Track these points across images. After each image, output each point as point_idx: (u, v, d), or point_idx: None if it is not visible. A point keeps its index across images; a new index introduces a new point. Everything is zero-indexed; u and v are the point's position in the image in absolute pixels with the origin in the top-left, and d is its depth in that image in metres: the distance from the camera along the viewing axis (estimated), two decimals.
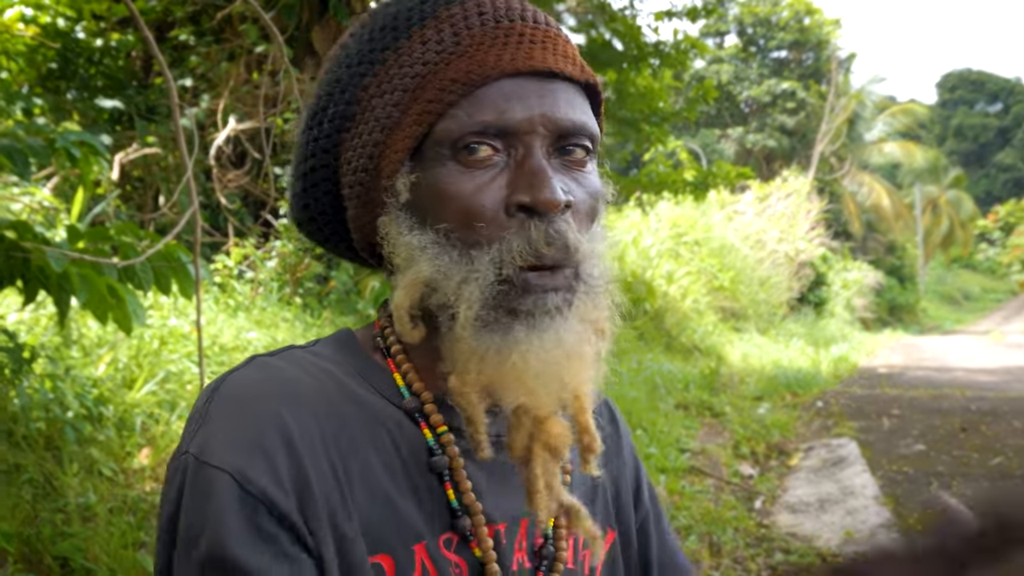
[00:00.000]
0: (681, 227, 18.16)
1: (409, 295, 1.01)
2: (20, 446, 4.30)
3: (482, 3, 1.04)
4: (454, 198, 0.98)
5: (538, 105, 0.99)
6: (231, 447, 0.93)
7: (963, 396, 11.56)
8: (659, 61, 12.68)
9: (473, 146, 0.98)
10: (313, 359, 1.06)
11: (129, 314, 3.29)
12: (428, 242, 1.00)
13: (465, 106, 0.98)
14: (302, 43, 9.60)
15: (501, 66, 0.98)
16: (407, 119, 1.00)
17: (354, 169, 1.06)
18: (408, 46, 1.02)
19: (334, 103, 1.07)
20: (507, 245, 0.97)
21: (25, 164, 3.23)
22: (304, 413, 0.97)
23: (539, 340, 0.97)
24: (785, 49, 38.92)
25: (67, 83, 9.22)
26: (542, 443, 1.01)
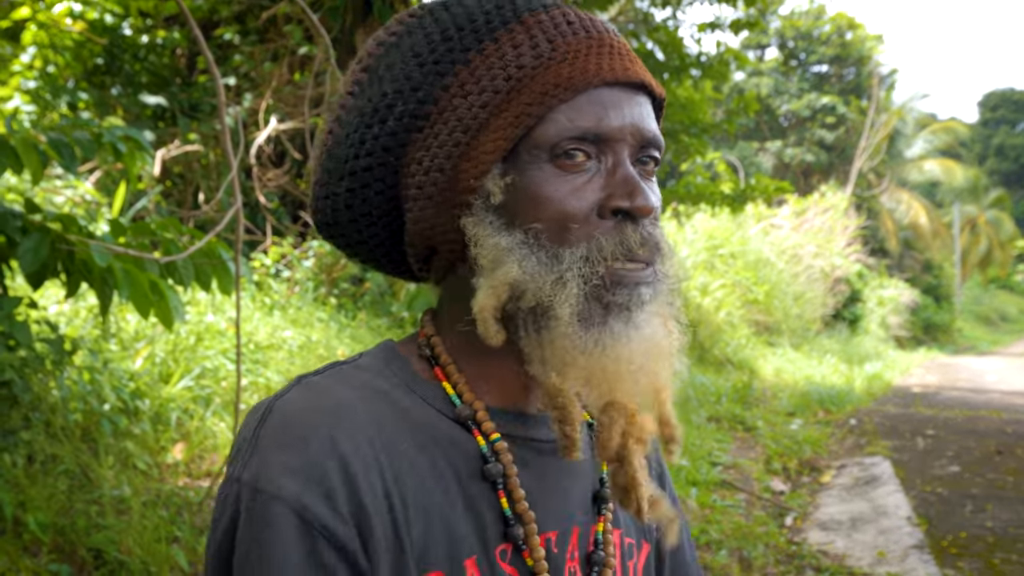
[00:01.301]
0: (717, 239, 18.08)
1: (495, 296, 1.00)
2: (57, 437, 4.34)
3: (567, 13, 1.06)
4: (550, 200, 0.99)
5: (629, 115, 1.02)
6: (287, 474, 0.92)
7: (999, 418, 11.42)
8: (700, 72, 12.65)
9: (572, 151, 0.99)
10: (360, 375, 1.05)
11: (170, 310, 3.31)
12: (515, 243, 1.00)
13: (565, 111, 0.99)
14: (345, 45, 9.64)
15: (602, 74, 1.01)
16: (499, 121, 1.00)
17: (427, 169, 1.04)
18: (496, 49, 1.03)
19: (403, 101, 1.05)
20: (597, 243, 0.99)
21: (72, 158, 3.26)
22: (357, 436, 0.97)
23: (637, 334, 0.99)
24: (826, 63, 38.65)
25: (112, 79, 9.31)
26: (636, 438, 1.02)
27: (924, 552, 5.59)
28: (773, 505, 6.86)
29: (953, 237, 42.00)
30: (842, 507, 6.91)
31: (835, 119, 35.70)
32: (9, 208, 3.30)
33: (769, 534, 5.97)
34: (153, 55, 9.60)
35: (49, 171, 6.98)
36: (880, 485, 7.45)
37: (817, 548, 5.89)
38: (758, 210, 21.19)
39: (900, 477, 7.67)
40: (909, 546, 5.73)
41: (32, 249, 3.11)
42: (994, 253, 44.94)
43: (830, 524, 6.46)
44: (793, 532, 6.31)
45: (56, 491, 4.02)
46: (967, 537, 5.97)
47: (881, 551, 5.71)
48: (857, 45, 37.57)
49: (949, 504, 6.85)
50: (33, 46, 8.77)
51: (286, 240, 9.02)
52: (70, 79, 9.11)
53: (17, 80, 8.58)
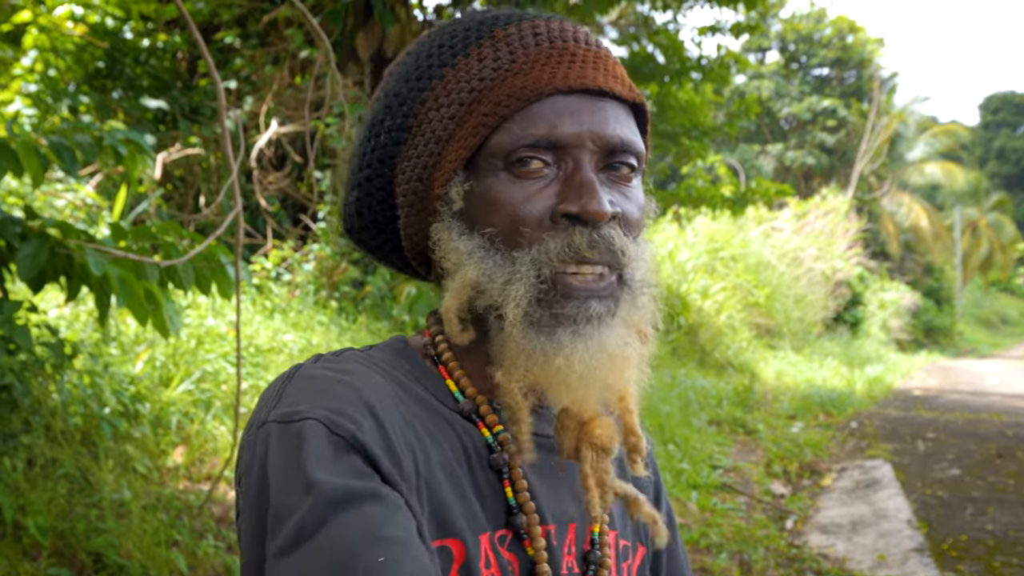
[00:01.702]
0: (718, 242, 18.07)
1: (457, 298, 1.05)
2: (57, 441, 4.34)
3: (537, 25, 1.09)
4: (504, 205, 1.02)
5: (588, 121, 1.03)
6: (315, 405, 0.94)
7: (1000, 421, 11.41)
8: (701, 76, 12.65)
9: (525, 158, 1.02)
10: (373, 360, 1.08)
11: (166, 319, 3.32)
12: (475, 247, 1.04)
13: (519, 120, 1.02)
14: (345, 48, 9.66)
15: (554, 83, 1.03)
16: (462, 131, 1.05)
17: (408, 179, 1.11)
18: (465, 63, 1.08)
19: (391, 116, 1.12)
20: (545, 246, 1.01)
21: (73, 161, 3.27)
22: (382, 396, 1.00)
23: (583, 344, 1.00)
24: (827, 67, 38.64)
25: (113, 82, 9.31)
26: (588, 443, 1.04)
27: (924, 555, 5.59)
28: (774, 508, 6.85)
29: (954, 240, 41.98)
30: (843, 510, 6.91)
31: (836, 122, 35.70)
32: (8, 214, 3.30)
33: (770, 537, 5.96)
34: (154, 59, 9.60)
35: (50, 174, 6.98)
36: (881, 488, 7.45)
37: (817, 551, 5.89)
38: (759, 213, 21.19)
39: (901, 480, 7.66)
40: (909, 549, 5.73)
41: (31, 255, 3.12)
42: (995, 256, 44.92)
43: (830, 527, 6.45)
44: (794, 535, 6.30)
45: (56, 495, 4.02)
46: (968, 540, 5.97)
47: (881, 554, 5.70)
48: (858, 48, 37.57)
49: (950, 507, 6.85)
50: (34, 49, 8.78)
51: (287, 243, 9.03)
52: (71, 82, 9.12)
53: (18, 83, 8.59)
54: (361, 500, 0.87)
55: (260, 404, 1.01)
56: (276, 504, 0.89)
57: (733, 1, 11.29)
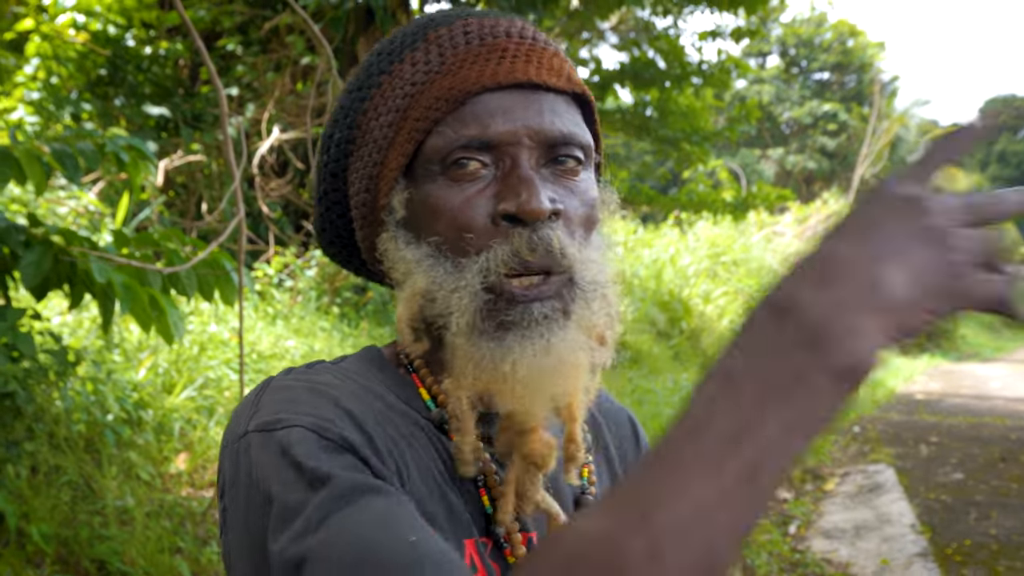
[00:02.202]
0: (719, 247, 18.07)
1: (408, 308, 1.03)
2: (61, 448, 4.35)
3: (468, 23, 1.07)
4: (444, 211, 1.00)
5: (522, 117, 1.00)
6: (297, 412, 0.93)
7: (1003, 425, 11.40)
8: (701, 80, 12.66)
9: (461, 160, 0.99)
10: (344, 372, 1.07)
11: (170, 326, 3.33)
12: (423, 255, 1.02)
13: (450, 122, 1.00)
14: (347, 55, 9.67)
15: (482, 81, 1.00)
16: (399, 138, 1.03)
17: (357, 190, 1.09)
18: (400, 69, 1.06)
19: (339, 129, 1.12)
20: (492, 254, 0.98)
21: (75, 168, 3.27)
22: (358, 402, 0.98)
23: (530, 349, 0.97)
24: (828, 71, 38.68)
25: (115, 89, 9.33)
26: (521, 453, 1.01)
27: (928, 560, 5.58)
28: (777, 513, 6.85)
29: None
30: (846, 515, 6.90)
31: (837, 126, 35.74)
32: (12, 222, 3.31)
33: (773, 542, 5.96)
34: (156, 66, 9.62)
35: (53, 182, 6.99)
36: (884, 493, 7.44)
37: (821, 556, 5.89)
38: (760, 218, 21.19)
39: (904, 485, 7.65)
40: (913, 554, 5.72)
41: (34, 263, 3.12)
42: None
43: (834, 532, 6.45)
44: (797, 540, 6.30)
45: (59, 502, 4.02)
46: (971, 545, 5.96)
47: (885, 559, 5.70)
48: (859, 52, 37.61)
49: (953, 512, 6.84)
50: (37, 57, 8.80)
51: (289, 250, 9.04)
52: (73, 90, 9.14)
53: (21, 91, 8.61)
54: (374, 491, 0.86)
55: (235, 418, 0.99)
56: (281, 505, 0.85)
57: (734, 6, 11.30)
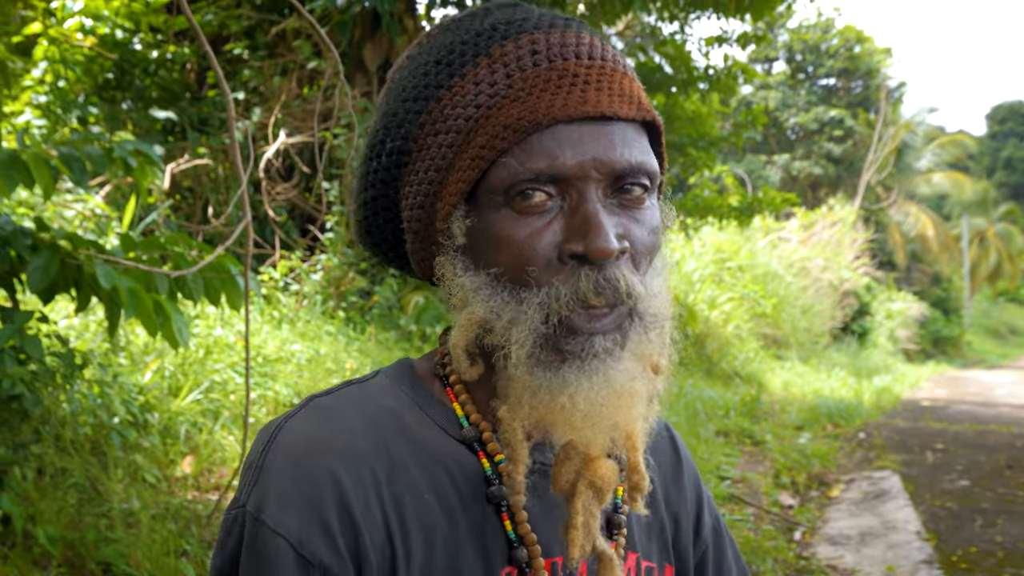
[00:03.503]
0: (725, 252, 18.06)
1: (465, 334, 1.02)
2: (67, 450, 4.35)
3: (536, 40, 1.02)
4: (507, 244, 0.97)
5: (592, 149, 0.97)
6: (287, 509, 0.96)
7: (1009, 432, 11.37)
8: (707, 86, 12.67)
9: (527, 192, 0.96)
10: (370, 397, 1.07)
11: (174, 332, 3.34)
12: (481, 284, 1.00)
13: (517, 153, 0.96)
14: (353, 59, 9.69)
15: (553, 113, 0.96)
16: (460, 162, 1.00)
17: (411, 206, 1.06)
18: (461, 86, 1.01)
19: (391, 138, 1.07)
20: (555, 291, 0.96)
21: (82, 172, 3.28)
22: (359, 467, 0.99)
23: (588, 382, 0.96)
24: (834, 77, 38.65)
25: (123, 93, 9.36)
26: (587, 481, 1.00)
27: (934, 567, 5.56)
28: (782, 519, 6.84)
29: (962, 250, 41.91)
30: (851, 521, 6.89)
31: (843, 132, 35.70)
32: (19, 226, 3.32)
33: (778, 549, 5.95)
34: (163, 70, 9.65)
35: (60, 185, 7.01)
36: (889, 499, 7.43)
37: (826, 563, 5.87)
38: (766, 223, 21.19)
39: (909, 491, 7.64)
40: (918, 561, 5.70)
41: (41, 267, 3.13)
42: (1004, 266, 44.79)
43: (839, 539, 6.43)
44: (802, 547, 6.28)
45: (66, 504, 4.03)
46: (977, 552, 5.95)
47: (890, 566, 5.68)
48: (865, 58, 37.58)
49: (959, 519, 6.82)
50: (44, 61, 8.83)
51: (295, 254, 9.05)
52: (81, 94, 9.16)
53: (28, 95, 8.63)
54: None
55: (245, 466, 1.03)
56: None
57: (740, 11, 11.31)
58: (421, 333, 8.88)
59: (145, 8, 9.18)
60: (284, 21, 9.63)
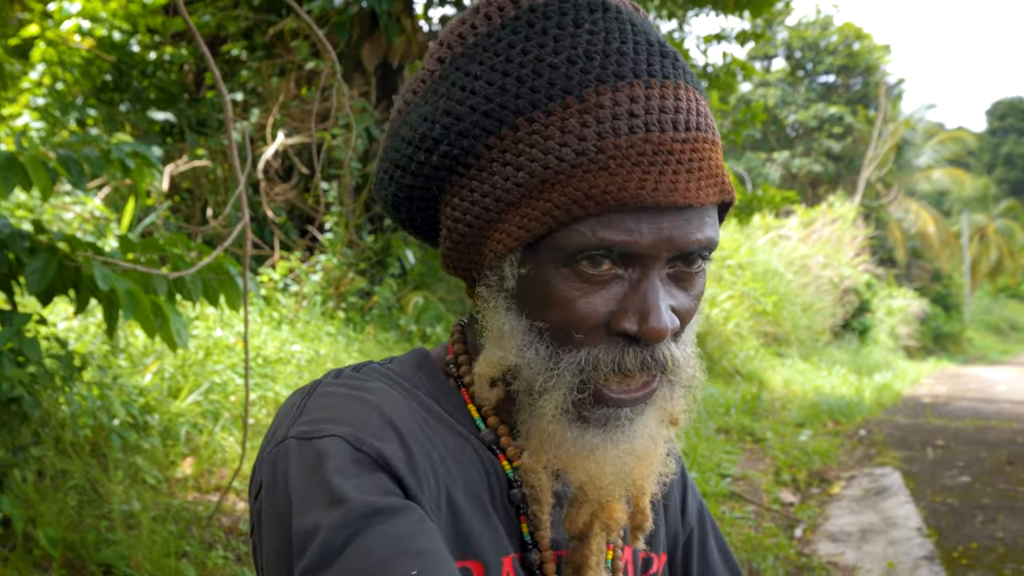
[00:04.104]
0: (724, 250, 18.06)
1: (491, 370, 1.01)
2: (67, 452, 4.36)
3: (635, 97, 0.93)
4: (561, 305, 0.95)
5: (668, 229, 0.93)
6: (337, 423, 0.92)
7: (1010, 428, 11.37)
8: (706, 83, 12.66)
9: (596, 259, 0.93)
10: (391, 374, 1.07)
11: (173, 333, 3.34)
12: (521, 330, 0.98)
13: (592, 222, 0.92)
14: (351, 59, 9.69)
15: (641, 197, 0.90)
16: (527, 210, 0.94)
17: (456, 219, 1.01)
18: (544, 124, 0.93)
19: (449, 143, 0.99)
20: (594, 356, 0.95)
21: (80, 174, 3.29)
22: (404, 416, 0.98)
23: (614, 450, 0.98)
24: (833, 74, 38.64)
25: (121, 95, 9.36)
26: (602, 522, 1.03)
27: (934, 563, 5.56)
28: (782, 517, 6.84)
29: (962, 247, 41.91)
30: (852, 518, 6.89)
31: (842, 129, 35.69)
32: (17, 228, 3.32)
33: (779, 546, 5.95)
34: (161, 71, 9.65)
35: (58, 187, 7.01)
36: (890, 496, 7.43)
37: (827, 560, 5.87)
38: (766, 221, 21.18)
39: (910, 488, 7.64)
40: (919, 557, 5.70)
41: (39, 269, 3.14)
42: (1004, 262, 44.79)
43: (840, 535, 6.43)
44: (803, 544, 6.29)
45: (66, 506, 4.03)
46: (978, 548, 5.95)
47: (891, 562, 5.69)
48: (864, 55, 37.57)
49: (959, 515, 6.82)
50: (42, 63, 8.83)
51: (294, 254, 9.05)
52: (79, 96, 9.16)
53: (26, 97, 8.63)
54: (388, 514, 0.85)
55: (279, 419, 0.98)
56: (300, 523, 0.86)
57: (738, 9, 11.31)
58: (421, 333, 8.88)
59: (142, 10, 9.18)
60: (282, 22, 9.62)
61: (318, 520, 0.84)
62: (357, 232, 9.41)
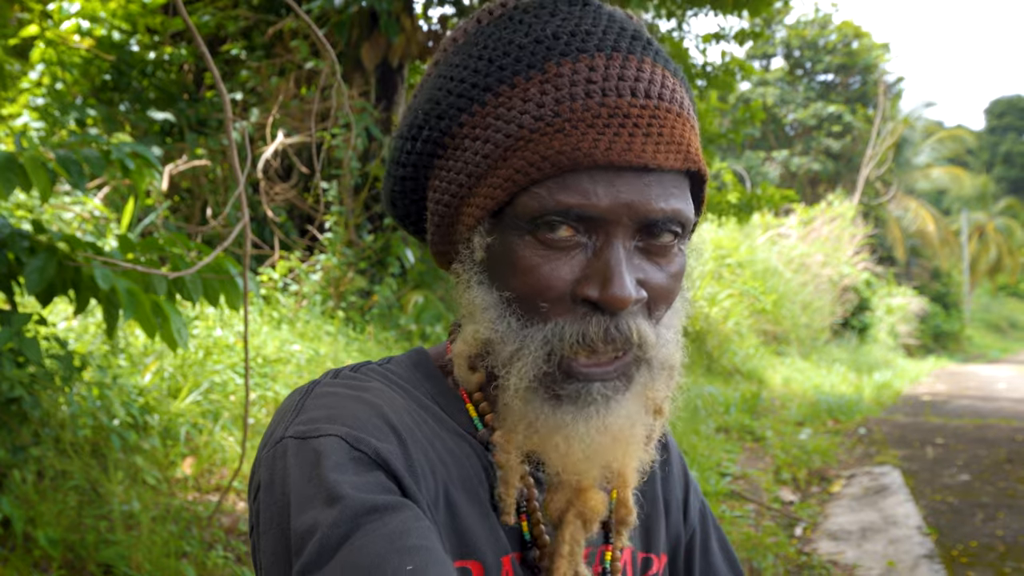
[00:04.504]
0: (724, 249, 18.07)
1: (468, 348, 1.02)
2: (67, 453, 4.36)
3: (594, 66, 0.96)
4: (525, 271, 0.95)
5: (627, 195, 0.93)
6: (334, 422, 0.92)
7: (1009, 426, 11.37)
8: (705, 83, 12.65)
9: (554, 224, 0.94)
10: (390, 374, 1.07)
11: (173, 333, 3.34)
12: (491, 303, 0.99)
13: (550, 185, 0.93)
14: (351, 59, 9.69)
15: (595, 156, 0.91)
16: (492, 178, 0.97)
17: (437, 200, 1.05)
18: (509, 96, 0.97)
19: (430, 127, 1.04)
20: (559, 330, 0.95)
21: (80, 174, 3.28)
22: (401, 414, 0.98)
23: (584, 426, 0.96)
24: (832, 72, 38.65)
25: (120, 95, 9.36)
26: (577, 511, 1.02)
27: (934, 562, 5.57)
28: (783, 515, 6.84)
29: (961, 245, 41.90)
30: (852, 517, 6.89)
31: (841, 128, 35.69)
32: (17, 228, 3.32)
33: (779, 544, 5.95)
34: (160, 71, 9.64)
35: (58, 187, 7.01)
36: (890, 495, 7.43)
37: (827, 558, 5.88)
38: (765, 220, 21.19)
39: (910, 486, 7.64)
40: (919, 556, 5.71)
41: (38, 269, 3.13)
42: (1004, 261, 44.81)
43: (840, 534, 6.44)
44: (803, 542, 6.29)
45: (66, 506, 4.03)
46: (978, 546, 5.95)
47: (891, 561, 5.69)
48: (863, 54, 37.57)
49: (959, 513, 6.83)
50: (41, 63, 8.83)
51: (294, 254, 9.05)
52: (78, 96, 9.16)
53: (26, 97, 8.63)
54: (385, 512, 0.85)
55: (277, 418, 0.99)
56: (298, 522, 0.86)
57: (737, 8, 11.30)
58: (421, 332, 8.88)
59: (142, 9, 9.18)
60: (281, 21, 9.63)
61: (316, 518, 0.85)
62: (357, 231, 9.40)
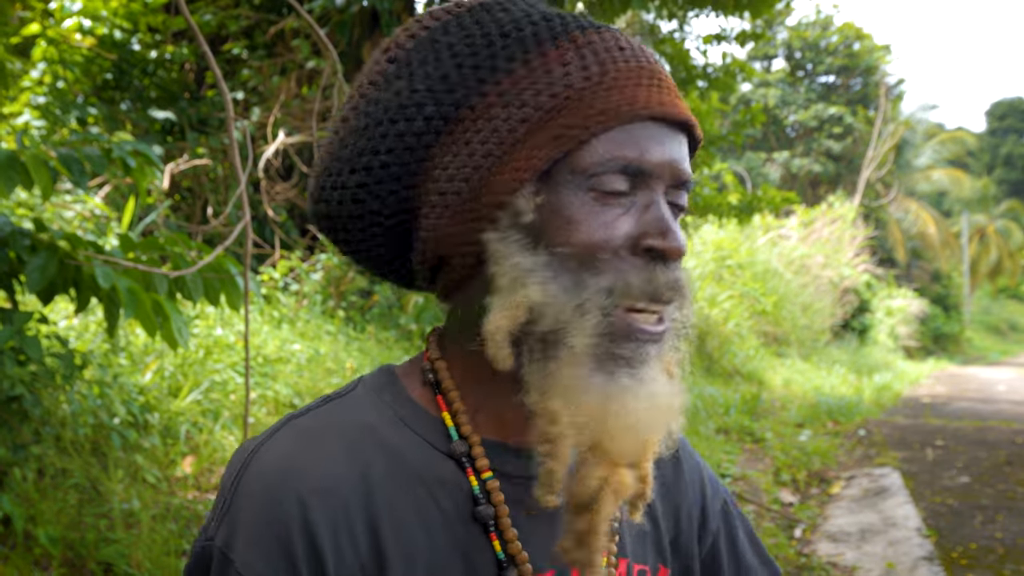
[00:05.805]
0: (724, 250, 18.07)
1: (511, 318, 0.95)
2: (67, 451, 4.36)
3: (619, 38, 1.01)
4: (583, 225, 0.95)
5: (670, 152, 0.98)
6: (254, 548, 0.93)
7: (1009, 429, 11.37)
8: (706, 84, 12.65)
9: (610, 175, 0.95)
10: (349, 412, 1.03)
11: (174, 332, 3.34)
12: (539, 265, 0.95)
13: (607, 139, 0.95)
14: (352, 58, 9.68)
15: (651, 107, 0.97)
16: (537, 139, 0.96)
17: (451, 177, 0.99)
18: (543, 63, 0.97)
19: (435, 102, 0.99)
20: (625, 278, 0.95)
21: (81, 173, 3.28)
22: (332, 497, 0.95)
23: (640, 389, 0.95)
24: (833, 74, 38.63)
25: (121, 94, 9.36)
26: (612, 489, 0.96)
27: (934, 564, 5.57)
28: (782, 517, 6.84)
29: (962, 247, 41.91)
30: (851, 518, 6.89)
31: (842, 129, 35.67)
32: (18, 226, 3.32)
33: (778, 546, 5.95)
34: (162, 70, 9.65)
35: (59, 186, 7.01)
36: (889, 496, 7.43)
37: (826, 560, 5.88)
38: (766, 221, 21.19)
39: (909, 488, 7.64)
40: (919, 558, 5.71)
41: (40, 268, 3.14)
42: (1004, 263, 44.82)
43: (839, 536, 6.44)
44: (802, 544, 6.29)
45: (66, 505, 4.04)
46: (977, 548, 5.95)
47: (890, 563, 5.69)
48: (864, 55, 37.56)
49: (959, 515, 6.83)
50: (43, 62, 8.82)
51: (294, 253, 9.05)
52: (80, 94, 9.16)
53: (27, 96, 8.63)
54: None
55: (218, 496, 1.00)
56: None
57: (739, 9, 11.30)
58: (421, 332, 8.88)
59: (143, 8, 9.18)
60: (283, 21, 9.63)
61: None
62: None
